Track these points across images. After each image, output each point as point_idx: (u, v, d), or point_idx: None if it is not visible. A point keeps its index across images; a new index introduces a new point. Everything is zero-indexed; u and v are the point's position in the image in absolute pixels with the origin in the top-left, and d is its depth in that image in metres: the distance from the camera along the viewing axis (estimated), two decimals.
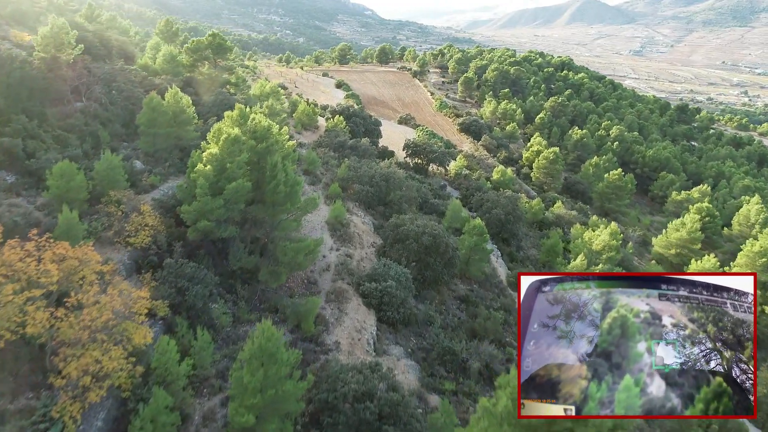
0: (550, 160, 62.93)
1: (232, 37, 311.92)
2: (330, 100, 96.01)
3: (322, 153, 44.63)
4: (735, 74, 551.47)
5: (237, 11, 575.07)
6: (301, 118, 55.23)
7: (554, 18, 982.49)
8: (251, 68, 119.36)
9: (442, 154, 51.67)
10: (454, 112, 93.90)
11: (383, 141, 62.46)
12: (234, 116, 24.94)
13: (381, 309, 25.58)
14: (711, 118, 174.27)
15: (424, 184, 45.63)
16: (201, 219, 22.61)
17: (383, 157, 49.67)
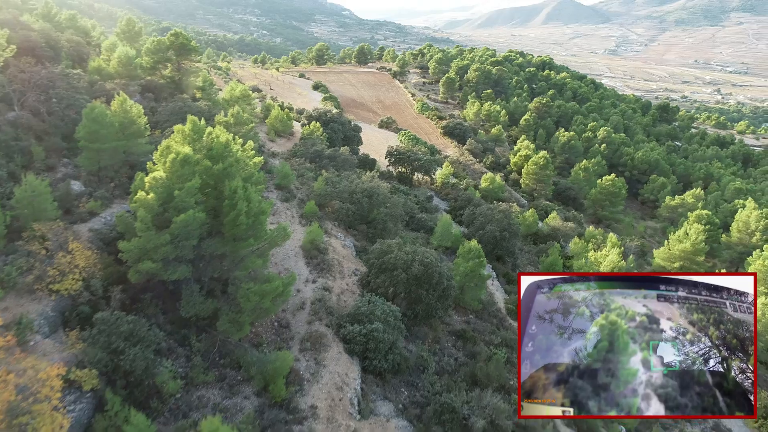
0: (540, 165, 59.60)
1: (206, 37, 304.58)
2: (307, 103, 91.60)
3: (297, 164, 40.47)
4: (707, 72, 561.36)
5: (212, 11, 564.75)
6: (274, 125, 50.91)
7: (531, 18, 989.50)
8: (224, 70, 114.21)
9: (427, 162, 47.89)
10: (437, 114, 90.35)
11: (364, 147, 58.49)
12: (186, 131, 20.64)
13: (366, 357, 21.61)
14: (691, 116, 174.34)
15: (409, 197, 41.78)
16: (143, 259, 18.37)
17: (364, 167, 45.72)
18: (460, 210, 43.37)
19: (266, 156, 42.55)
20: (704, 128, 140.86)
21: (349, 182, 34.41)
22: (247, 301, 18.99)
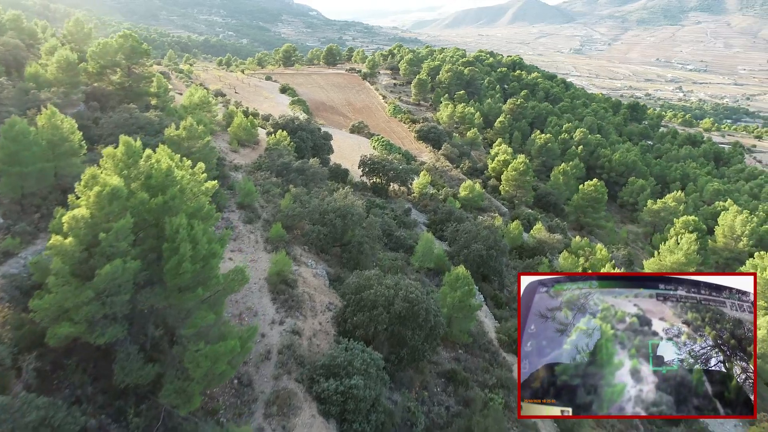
0: (520, 171, 57.07)
1: (170, 39, 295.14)
2: (274, 107, 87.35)
3: (262, 178, 36.73)
4: (669, 70, 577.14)
5: (176, 12, 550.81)
6: (237, 134, 46.91)
7: (497, 17, 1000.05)
8: (186, 73, 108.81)
9: (403, 171, 44.68)
10: (410, 117, 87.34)
11: (335, 155, 55.00)
12: (117, 155, 16.82)
13: (344, 419, 18.22)
14: (659, 115, 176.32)
15: (386, 211, 38.49)
16: (61, 320, 14.59)
17: (336, 178, 42.21)
18: (440, 224, 40.29)
19: (228, 169, 38.66)
20: (673, 127, 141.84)
21: (320, 200, 30.90)
22: (196, 367, 15.33)
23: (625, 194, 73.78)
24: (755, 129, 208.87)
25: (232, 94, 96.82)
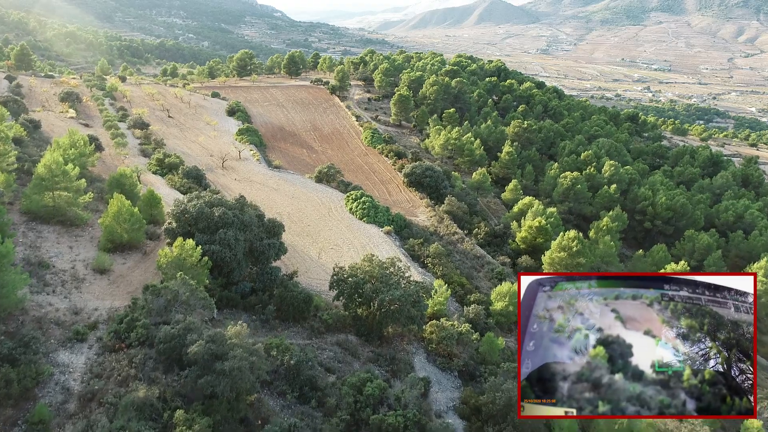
0: (572, 252, 37.81)
1: (118, 43, 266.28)
2: (213, 140, 66.10)
3: (121, 379, 16.46)
4: (635, 70, 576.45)
5: (132, 13, 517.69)
6: (114, 231, 26.42)
7: (463, 18, 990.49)
8: (109, 90, 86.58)
9: (408, 300, 24.93)
10: (393, 148, 67.57)
11: (292, 236, 35.05)
12: None
13: None
14: (655, 124, 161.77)
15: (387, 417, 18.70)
16: None
17: (297, 313, 22.08)
18: (492, 418, 20.79)
19: (56, 342, 18.36)
20: (691, 144, 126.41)
21: None
22: None
23: (682, 251, 55.85)
24: (747, 134, 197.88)
25: (165, 119, 75.40)
